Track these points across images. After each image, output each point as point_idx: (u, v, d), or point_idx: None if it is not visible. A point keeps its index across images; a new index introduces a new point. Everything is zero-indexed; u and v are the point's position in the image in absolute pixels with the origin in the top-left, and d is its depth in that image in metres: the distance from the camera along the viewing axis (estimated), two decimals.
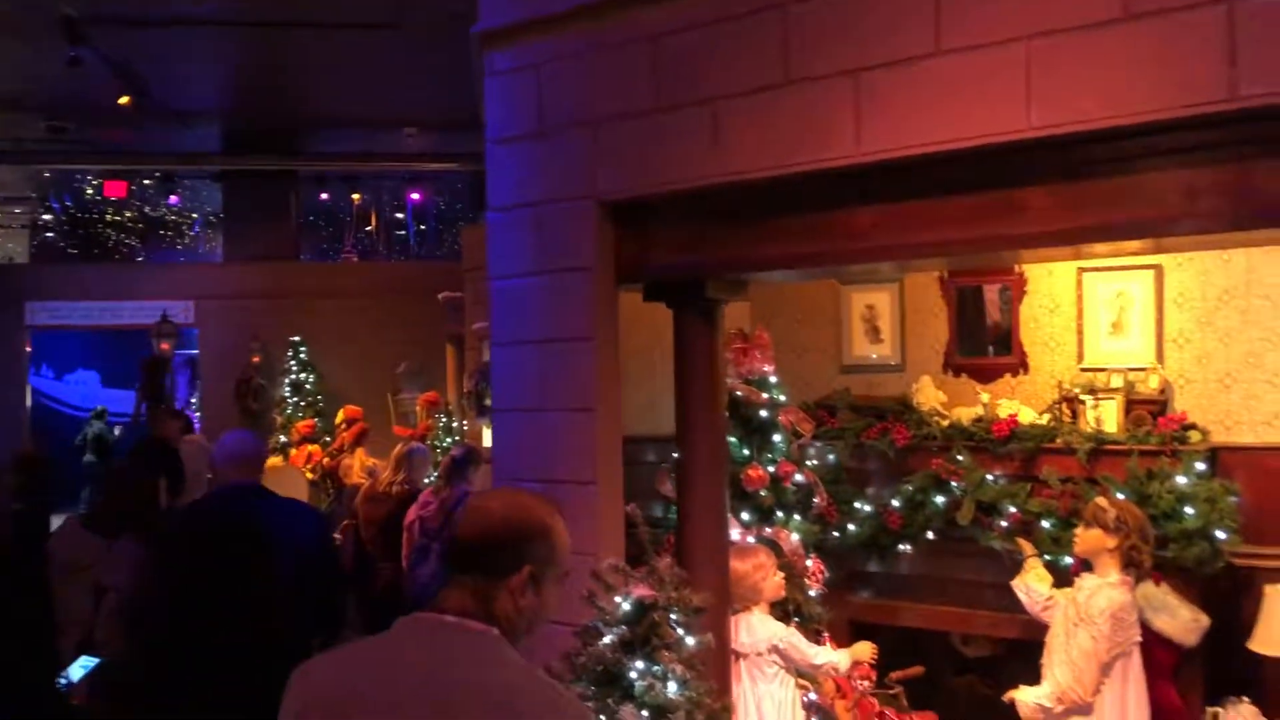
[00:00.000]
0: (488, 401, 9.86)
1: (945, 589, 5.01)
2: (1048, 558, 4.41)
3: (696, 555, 3.87)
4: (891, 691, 4.41)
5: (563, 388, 3.90)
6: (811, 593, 4.61)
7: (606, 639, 3.43)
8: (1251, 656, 4.30)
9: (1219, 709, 4.21)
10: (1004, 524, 4.62)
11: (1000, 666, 5.20)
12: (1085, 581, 4.06)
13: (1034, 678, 4.15)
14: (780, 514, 4.64)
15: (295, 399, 12.67)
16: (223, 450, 4.22)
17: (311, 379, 12.88)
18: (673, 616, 3.47)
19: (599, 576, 3.47)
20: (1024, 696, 4.06)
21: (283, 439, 12.16)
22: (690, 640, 3.48)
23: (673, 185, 3.57)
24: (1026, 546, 4.35)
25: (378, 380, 12.17)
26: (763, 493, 4.57)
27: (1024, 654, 4.88)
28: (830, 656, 4.19)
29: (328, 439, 11.56)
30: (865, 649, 4.30)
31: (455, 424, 10.19)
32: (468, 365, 11.12)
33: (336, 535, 6.77)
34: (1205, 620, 4.29)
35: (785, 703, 4.15)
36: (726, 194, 3.50)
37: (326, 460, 10.76)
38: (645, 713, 3.32)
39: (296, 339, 12.96)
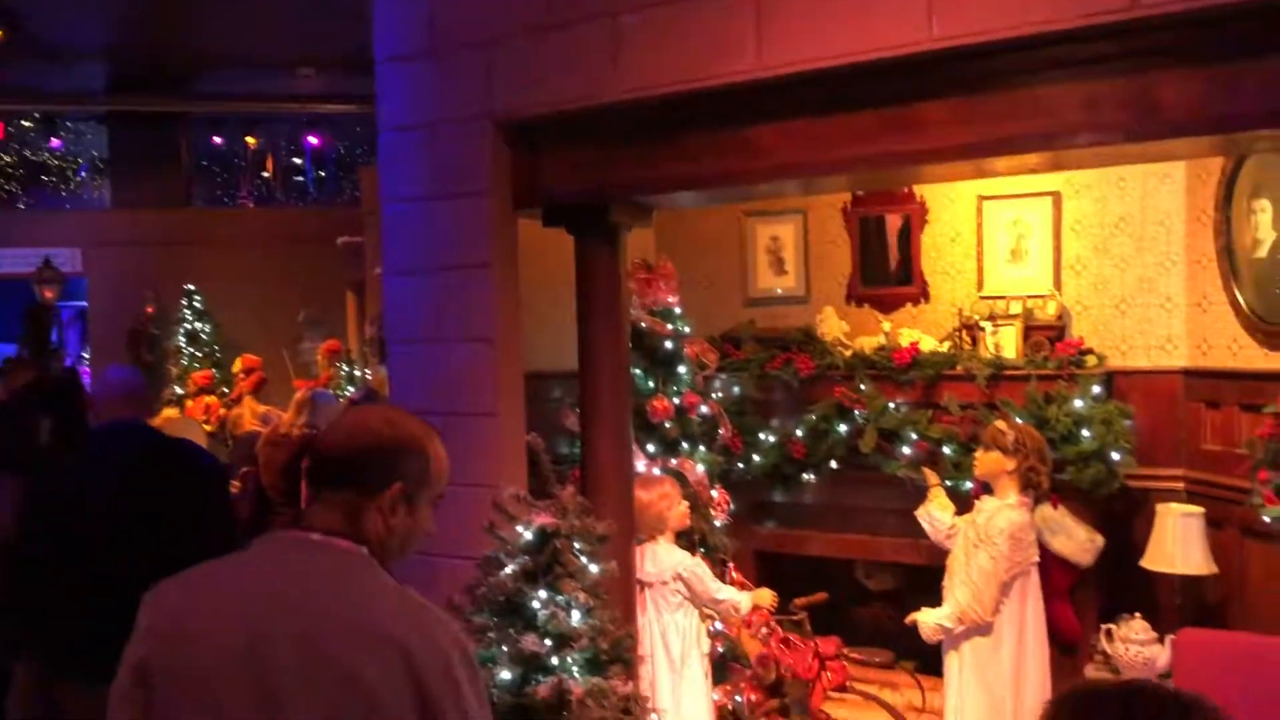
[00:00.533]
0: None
1: (848, 517, 5.04)
2: (949, 483, 4.45)
3: (600, 485, 3.80)
4: (796, 617, 4.42)
5: (461, 317, 3.77)
6: (717, 523, 4.59)
7: (508, 569, 3.35)
8: (1143, 574, 4.41)
9: (1113, 626, 4.31)
10: (906, 451, 4.65)
11: (902, 598, 5.27)
12: (985, 504, 4.10)
13: (935, 606, 4.19)
14: (685, 445, 4.59)
15: (191, 349, 12.26)
16: (105, 385, 4.01)
17: (208, 329, 12.46)
18: (576, 545, 3.41)
19: (500, 506, 3.38)
20: (925, 618, 4.10)
21: (179, 390, 11.77)
22: (594, 568, 3.42)
23: (571, 104, 3.44)
24: (931, 476, 4.38)
25: (277, 329, 11.83)
26: (668, 424, 4.52)
27: (925, 586, 4.95)
28: (732, 594, 4.18)
29: (225, 390, 11.21)
30: (766, 596, 4.30)
31: (358, 372, 9.95)
32: (369, 311, 10.87)
33: (235, 483, 6.55)
34: (1100, 540, 4.38)
35: (690, 631, 4.13)
36: (627, 112, 3.38)
37: (224, 411, 10.44)
38: (548, 641, 3.26)
39: (191, 288, 12.51)
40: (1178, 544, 4.16)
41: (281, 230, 13.12)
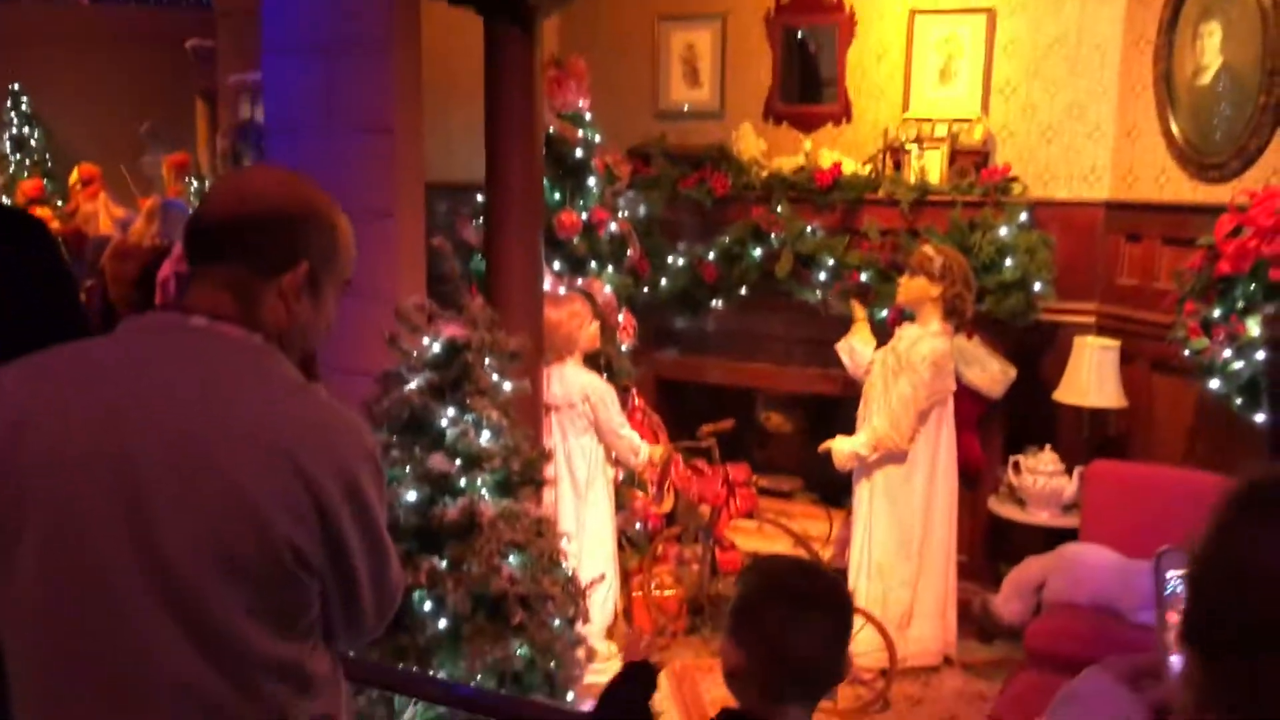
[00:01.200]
0: (246, 161, 9.00)
1: (757, 346, 4.89)
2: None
3: (509, 300, 3.53)
4: (704, 444, 4.29)
5: (354, 103, 3.38)
6: (623, 348, 4.39)
7: (412, 384, 3.09)
8: (1048, 408, 4.43)
9: (1020, 458, 4.32)
10: (822, 277, 4.49)
11: (800, 441, 5.22)
12: (906, 331, 3.99)
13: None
14: (594, 264, 4.34)
15: (19, 156, 11.25)
16: None
17: (37, 135, 11.42)
18: (487, 360, 3.17)
19: (403, 316, 3.11)
20: (840, 445, 4.02)
21: (5, 200, 10.81)
22: (506, 386, 3.19)
23: None
24: (858, 309, 4.24)
25: (116, 140, 10.91)
26: (575, 240, 4.24)
27: (826, 425, 4.91)
28: (635, 436, 4.01)
29: (60, 202, 10.34)
30: (661, 452, 4.16)
31: (208, 188, 9.27)
32: (222, 123, 10.11)
33: (81, 296, 6.01)
34: (1012, 373, 4.34)
35: (595, 456, 3.96)
36: None
37: (59, 224, 9.63)
38: (458, 461, 3.04)
39: (16, 88, 11.40)
40: (1092, 377, 4.15)
41: (121, 30, 11.99)
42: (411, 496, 3.01)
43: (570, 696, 3.16)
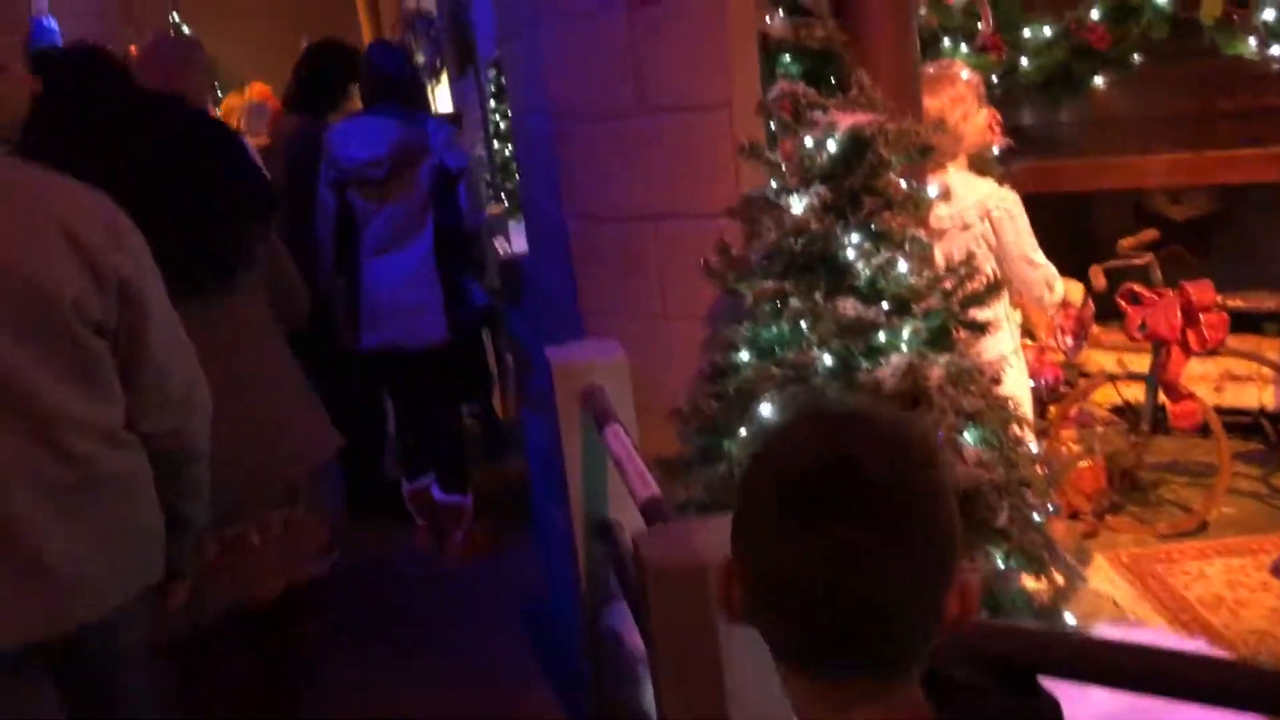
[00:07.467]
0: (419, 54, 8.30)
1: (1155, 131, 3.79)
2: None
3: (878, 80, 2.59)
4: (1139, 261, 3.27)
5: None
6: (994, 150, 3.40)
7: (798, 206, 2.25)
8: None
9: None
10: (1269, 15, 3.30)
11: (1213, 229, 4.12)
12: None
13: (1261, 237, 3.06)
14: (945, 41, 3.35)
15: None
16: None
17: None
18: (893, 161, 2.30)
19: (774, 110, 2.30)
20: None
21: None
22: (932, 191, 2.34)
23: None
24: None
25: (277, 61, 10.54)
26: (922, 10, 3.26)
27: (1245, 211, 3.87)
28: (1050, 267, 3.00)
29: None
30: (1078, 292, 3.18)
31: None
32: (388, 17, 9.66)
33: None
34: None
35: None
36: None
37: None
38: (884, 305, 2.20)
39: (176, 19, 11.15)
40: None
41: None
42: (827, 360, 2.18)
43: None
